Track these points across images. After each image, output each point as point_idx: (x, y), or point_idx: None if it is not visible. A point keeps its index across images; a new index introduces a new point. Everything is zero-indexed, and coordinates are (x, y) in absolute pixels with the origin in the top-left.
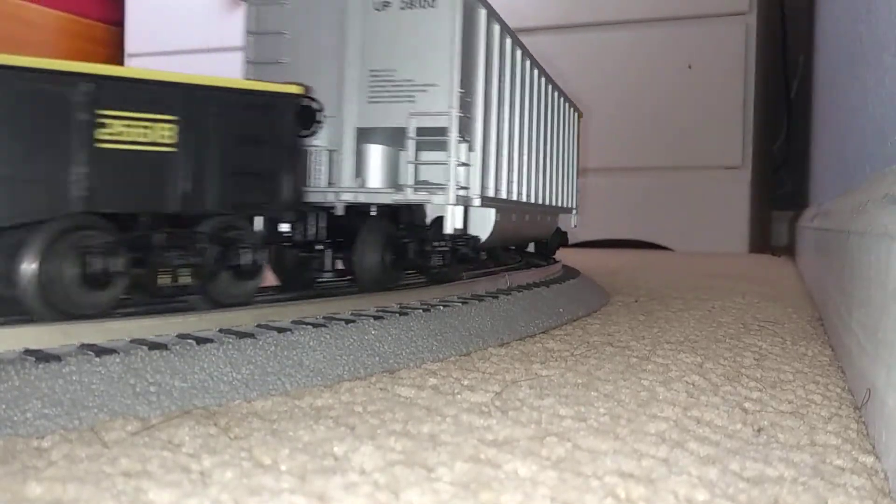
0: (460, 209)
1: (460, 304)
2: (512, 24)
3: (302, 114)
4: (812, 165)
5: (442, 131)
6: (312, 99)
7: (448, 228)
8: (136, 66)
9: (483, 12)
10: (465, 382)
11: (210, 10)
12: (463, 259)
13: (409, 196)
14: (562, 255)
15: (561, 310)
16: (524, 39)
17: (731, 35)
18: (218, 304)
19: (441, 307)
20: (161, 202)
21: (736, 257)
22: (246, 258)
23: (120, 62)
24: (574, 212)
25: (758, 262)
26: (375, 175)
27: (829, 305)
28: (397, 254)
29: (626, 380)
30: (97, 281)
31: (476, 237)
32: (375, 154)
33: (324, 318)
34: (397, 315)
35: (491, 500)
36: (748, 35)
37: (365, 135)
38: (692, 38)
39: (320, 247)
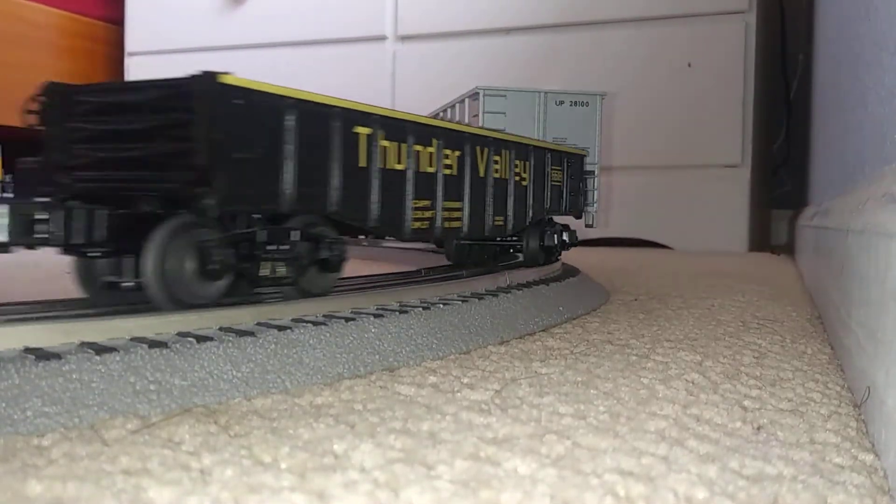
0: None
1: (460, 303)
2: (511, 23)
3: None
4: (811, 164)
5: (591, 173)
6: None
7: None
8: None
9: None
10: (465, 380)
11: (210, 9)
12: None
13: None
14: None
15: (561, 308)
16: (524, 39)
17: (731, 34)
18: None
19: (441, 305)
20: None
21: (735, 256)
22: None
23: (120, 61)
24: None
25: (757, 260)
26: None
27: (829, 304)
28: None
29: (625, 378)
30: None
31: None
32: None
33: (324, 316)
34: (397, 313)
35: (491, 497)
36: (748, 34)
37: None
38: (692, 37)
39: None
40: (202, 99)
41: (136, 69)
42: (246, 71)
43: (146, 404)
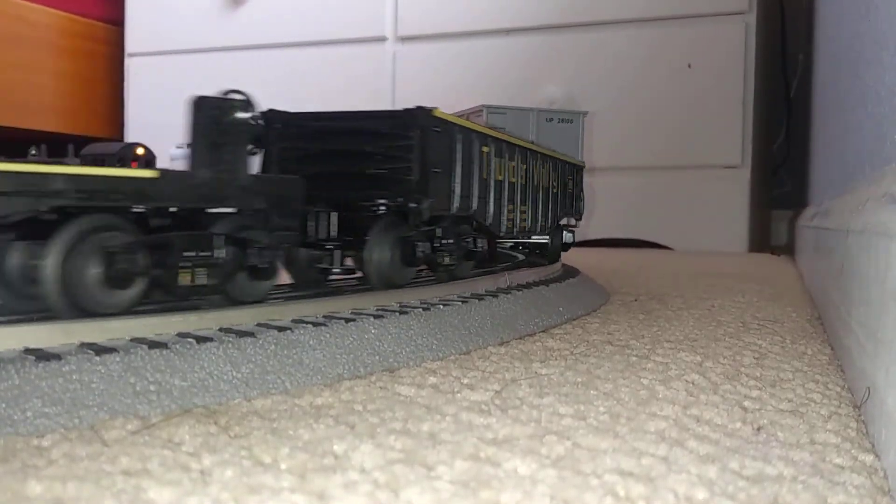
0: None
1: (460, 303)
2: (511, 23)
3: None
4: (811, 164)
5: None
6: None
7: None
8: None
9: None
10: (465, 381)
11: (210, 9)
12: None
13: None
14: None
15: (561, 309)
16: (524, 38)
17: (731, 34)
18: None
19: (441, 306)
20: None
21: (735, 256)
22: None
23: (120, 61)
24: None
25: (757, 261)
26: None
27: (829, 304)
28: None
29: (625, 378)
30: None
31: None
32: None
33: (324, 316)
34: (397, 314)
35: (490, 498)
36: (748, 34)
37: None
38: (692, 37)
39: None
40: (421, 129)
41: (137, 70)
42: (246, 71)
43: (146, 405)
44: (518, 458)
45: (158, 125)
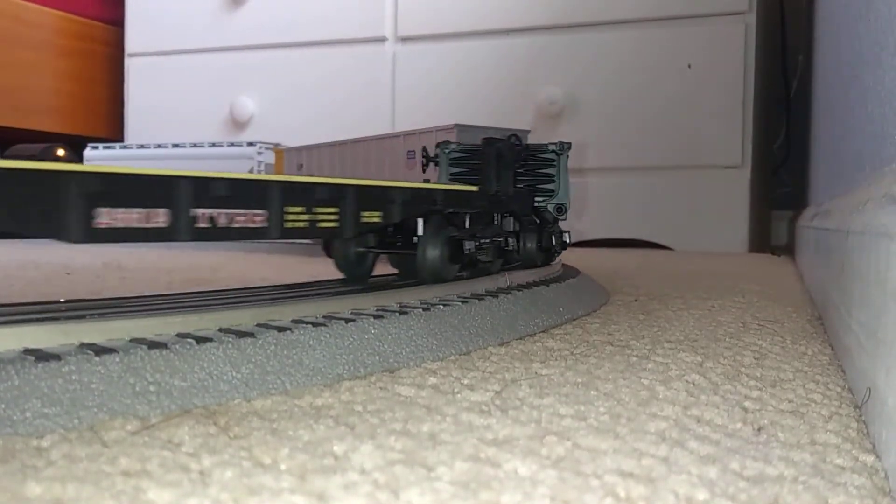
0: None
1: (460, 304)
2: (511, 24)
3: None
4: (811, 165)
5: None
6: None
7: None
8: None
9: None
10: (465, 381)
11: (210, 10)
12: None
13: None
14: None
15: (561, 309)
16: (524, 38)
17: (731, 34)
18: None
19: (441, 306)
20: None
21: (735, 257)
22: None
23: (120, 61)
24: None
25: (757, 261)
26: None
27: (829, 305)
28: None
29: (625, 379)
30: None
31: None
32: None
33: (323, 316)
34: (397, 314)
35: (491, 499)
36: (748, 34)
37: None
38: (691, 38)
39: None
40: (558, 156)
41: (137, 70)
42: (246, 71)
43: (146, 405)
44: (518, 458)
45: (158, 124)
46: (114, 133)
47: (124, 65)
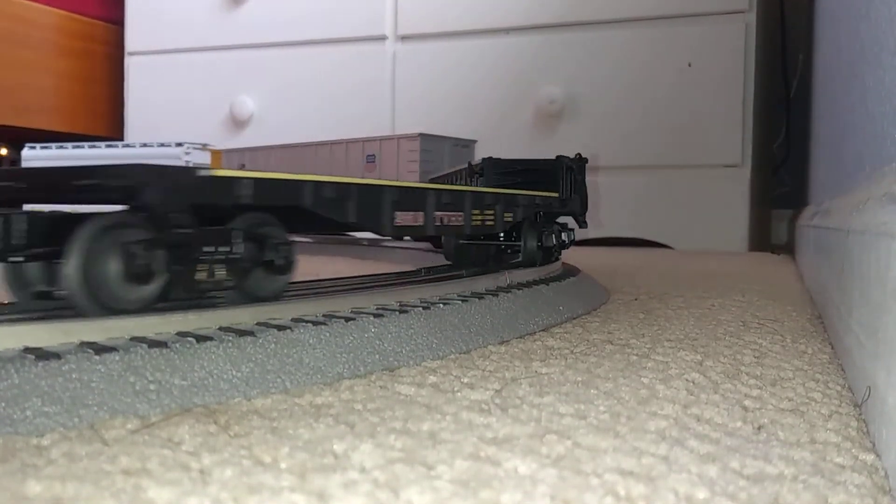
0: None
1: (460, 302)
2: (511, 23)
3: None
4: (811, 164)
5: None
6: None
7: None
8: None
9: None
10: (465, 380)
11: (210, 9)
12: None
13: None
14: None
15: (561, 308)
16: (524, 37)
17: (731, 33)
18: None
19: (441, 305)
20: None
21: (735, 256)
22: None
23: (120, 60)
24: None
25: (757, 260)
26: None
27: (829, 304)
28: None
29: (625, 377)
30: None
31: None
32: None
33: (323, 315)
34: (397, 313)
35: (491, 498)
36: (748, 33)
37: None
38: (692, 37)
39: None
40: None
41: (137, 69)
42: (246, 70)
43: (146, 404)
44: (518, 457)
45: (158, 123)
46: (114, 132)
47: (124, 63)
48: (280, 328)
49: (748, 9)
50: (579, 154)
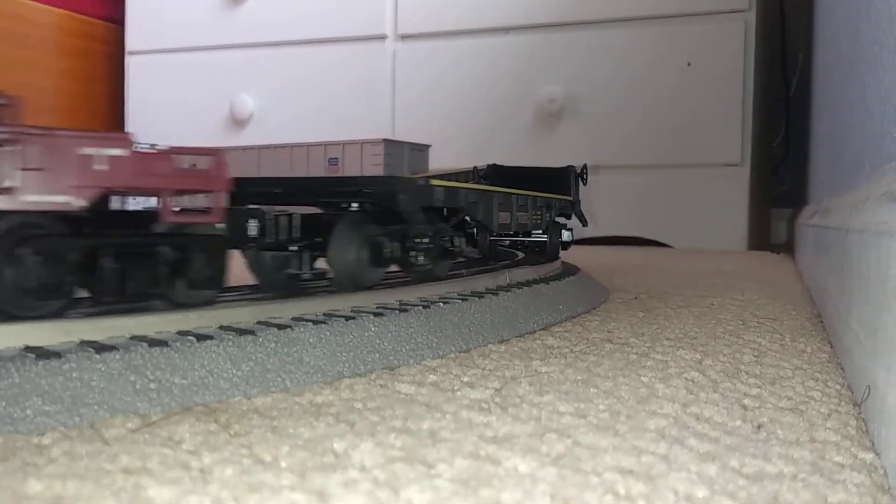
0: None
1: (460, 301)
2: (511, 22)
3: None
4: (811, 163)
5: None
6: None
7: None
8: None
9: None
10: (465, 379)
11: (210, 9)
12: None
13: None
14: (561, 252)
15: (560, 306)
16: (523, 37)
17: (731, 32)
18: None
19: (441, 304)
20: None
21: (735, 255)
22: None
23: (120, 60)
24: None
25: (757, 259)
26: None
27: (829, 303)
28: None
29: (625, 376)
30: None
31: None
32: None
33: (324, 314)
34: (397, 312)
35: (491, 496)
36: (747, 32)
37: None
38: (691, 36)
39: None
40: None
41: (137, 68)
42: (246, 69)
43: (146, 403)
44: (518, 456)
45: (159, 123)
46: (114, 131)
47: (125, 63)
48: (280, 327)
49: (748, 8)
50: (585, 165)
